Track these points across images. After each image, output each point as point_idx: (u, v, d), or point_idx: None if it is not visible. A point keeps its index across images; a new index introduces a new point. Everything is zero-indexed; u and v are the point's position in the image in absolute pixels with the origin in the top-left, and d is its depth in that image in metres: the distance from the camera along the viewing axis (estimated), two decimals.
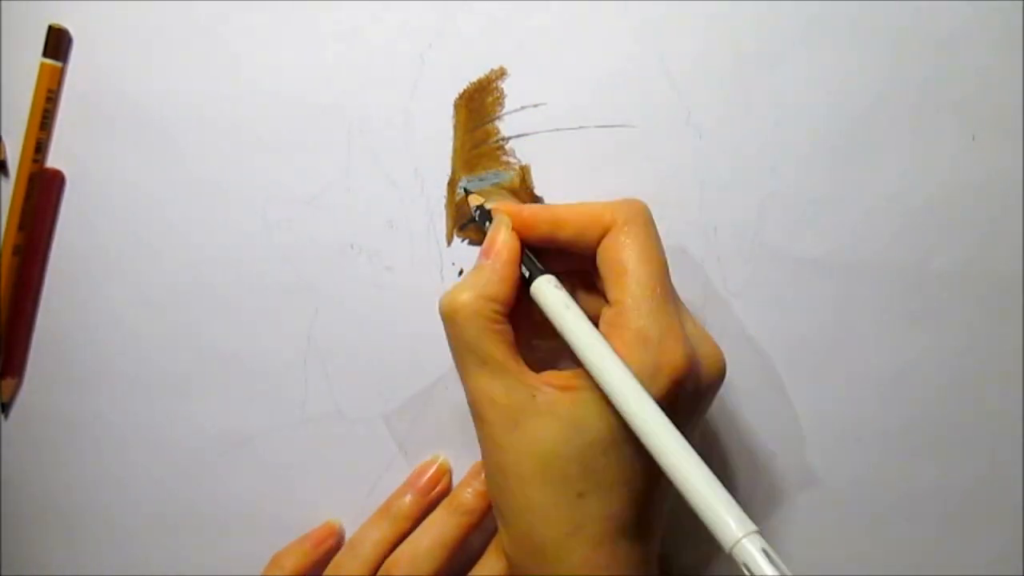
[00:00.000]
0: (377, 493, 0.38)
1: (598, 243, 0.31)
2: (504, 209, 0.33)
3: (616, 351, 0.28)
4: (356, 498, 0.38)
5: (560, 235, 0.32)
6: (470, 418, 0.31)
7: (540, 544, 0.29)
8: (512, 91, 0.36)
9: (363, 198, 0.37)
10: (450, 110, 0.37)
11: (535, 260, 0.32)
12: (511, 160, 0.37)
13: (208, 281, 0.38)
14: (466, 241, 0.37)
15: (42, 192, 0.38)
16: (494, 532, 0.36)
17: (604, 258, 0.30)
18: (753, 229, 0.36)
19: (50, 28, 0.37)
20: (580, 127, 0.37)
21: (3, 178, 0.39)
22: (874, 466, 0.37)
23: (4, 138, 0.38)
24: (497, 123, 0.37)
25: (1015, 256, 0.36)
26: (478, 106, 0.37)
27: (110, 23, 0.38)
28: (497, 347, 0.30)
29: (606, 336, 0.29)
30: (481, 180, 0.37)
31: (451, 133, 0.37)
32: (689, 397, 0.29)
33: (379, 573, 0.35)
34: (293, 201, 0.38)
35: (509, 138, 0.37)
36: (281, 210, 0.38)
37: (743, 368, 0.37)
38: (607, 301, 0.30)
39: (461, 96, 0.37)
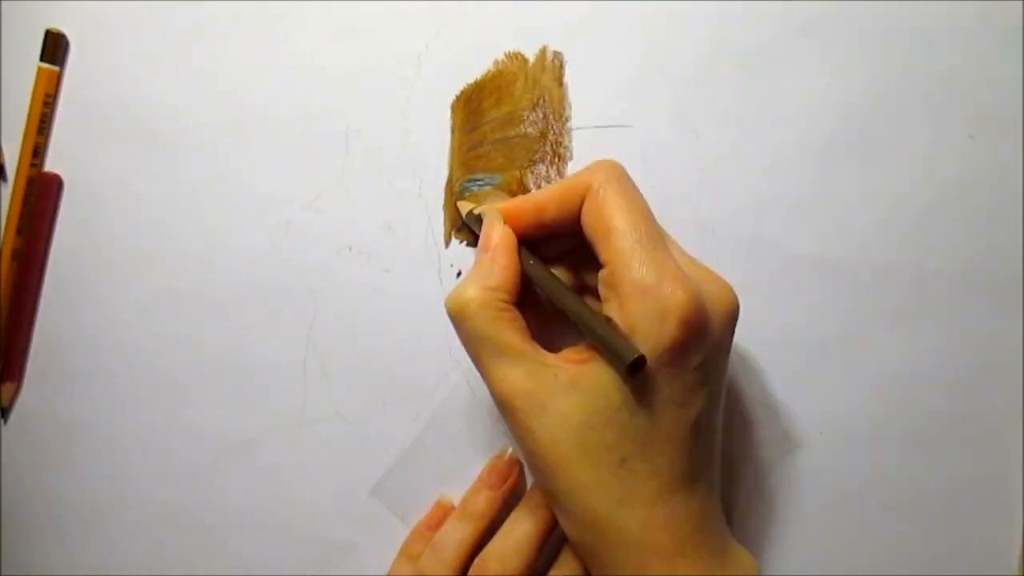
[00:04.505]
0: (376, 495, 0.38)
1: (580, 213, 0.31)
2: (492, 209, 0.33)
3: (618, 310, 0.29)
4: (356, 500, 0.38)
5: (545, 217, 0.32)
6: (461, 457, 0.34)
7: (594, 519, 0.29)
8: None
9: (361, 200, 0.37)
10: (447, 111, 0.37)
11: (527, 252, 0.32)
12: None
13: (207, 284, 0.38)
14: (464, 242, 0.37)
15: (40, 196, 0.38)
16: None
17: (587, 224, 0.31)
18: (751, 229, 0.36)
19: (47, 32, 0.37)
20: (579, 127, 0.36)
21: (1, 182, 0.39)
22: (874, 466, 0.37)
23: (2, 142, 0.38)
24: (495, 124, 0.37)
25: (1015, 256, 0.36)
26: (475, 107, 0.37)
27: (107, 27, 0.38)
28: (511, 334, 0.30)
29: (607, 298, 0.30)
30: (478, 181, 0.37)
31: (448, 135, 0.37)
32: (703, 334, 0.29)
33: (470, 574, 0.35)
34: (291, 204, 0.38)
35: (508, 139, 0.37)
36: (279, 213, 0.38)
37: (742, 368, 0.37)
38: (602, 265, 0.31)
39: (458, 97, 0.37)
